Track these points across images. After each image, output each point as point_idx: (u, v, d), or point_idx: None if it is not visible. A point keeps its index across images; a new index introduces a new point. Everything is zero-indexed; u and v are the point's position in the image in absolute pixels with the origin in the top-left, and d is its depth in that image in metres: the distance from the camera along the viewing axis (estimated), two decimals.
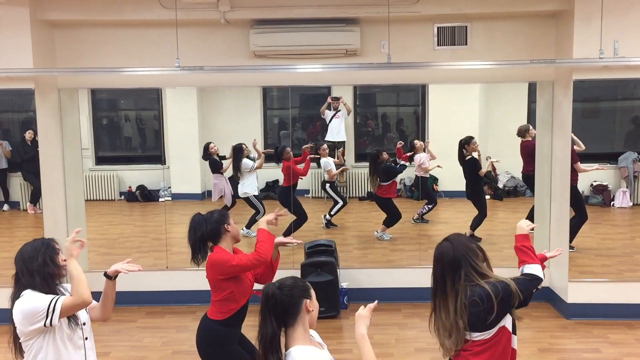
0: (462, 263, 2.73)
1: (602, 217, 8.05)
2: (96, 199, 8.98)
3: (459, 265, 2.73)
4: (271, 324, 2.40)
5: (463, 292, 2.70)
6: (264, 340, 2.39)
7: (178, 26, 5.74)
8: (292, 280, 2.53)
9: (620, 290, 5.83)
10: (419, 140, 8.19)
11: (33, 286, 2.84)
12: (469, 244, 2.81)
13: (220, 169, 8.10)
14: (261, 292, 2.49)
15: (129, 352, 5.30)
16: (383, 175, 7.80)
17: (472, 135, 7.50)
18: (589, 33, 5.49)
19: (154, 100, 8.45)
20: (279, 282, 2.51)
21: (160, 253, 6.86)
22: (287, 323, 2.44)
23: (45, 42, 5.96)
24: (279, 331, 2.41)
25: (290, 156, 7.62)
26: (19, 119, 8.29)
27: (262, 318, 2.44)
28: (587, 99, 7.66)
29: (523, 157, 7.42)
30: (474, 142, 7.45)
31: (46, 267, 2.89)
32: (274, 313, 2.42)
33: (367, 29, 6.06)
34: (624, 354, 5.07)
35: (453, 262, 2.74)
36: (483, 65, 5.79)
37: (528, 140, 7.27)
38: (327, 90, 8.72)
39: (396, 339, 5.48)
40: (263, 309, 2.44)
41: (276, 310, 2.42)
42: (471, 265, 2.74)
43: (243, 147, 7.85)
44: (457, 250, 2.76)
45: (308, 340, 2.47)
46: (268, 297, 2.44)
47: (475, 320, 2.69)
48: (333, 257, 6.23)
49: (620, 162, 8.12)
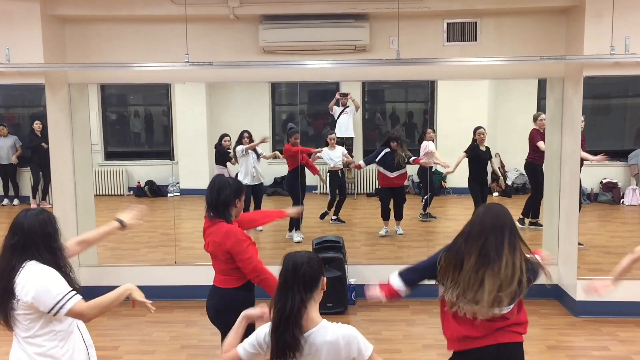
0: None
1: (612, 214, 8.02)
2: (105, 194, 9.02)
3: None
4: (299, 294, 2.30)
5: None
6: (286, 312, 2.29)
7: (187, 22, 5.75)
8: (314, 254, 2.47)
9: (629, 288, 5.78)
10: (430, 130, 8.11)
11: (43, 260, 2.76)
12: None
13: (224, 162, 8.11)
14: (283, 260, 2.40)
15: (137, 347, 5.33)
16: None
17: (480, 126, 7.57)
18: (599, 29, 5.45)
19: (163, 96, 8.46)
20: (306, 254, 2.43)
21: (169, 248, 6.88)
22: (311, 296, 2.35)
23: (55, 38, 5.99)
24: (304, 303, 2.31)
25: (297, 143, 7.60)
26: (29, 113, 8.35)
27: (286, 288, 2.33)
28: (598, 96, 7.63)
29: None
30: (481, 132, 7.54)
31: (55, 243, 2.84)
32: (303, 284, 2.32)
33: (377, 25, 6.05)
34: (633, 352, 5.04)
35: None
36: (493, 61, 5.76)
37: (533, 128, 7.30)
38: (335, 86, 8.71)
39: (404, 335, 5.48)
40: (288, 279, 2.34)
41: (305, 281, 2.33)
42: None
43: (243, 135, 7.86)
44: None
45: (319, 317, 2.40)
46: (297, 266, 2.34)
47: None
48: (341, 253, 6.23)
49: (630, 159, 8.08)
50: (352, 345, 2.35)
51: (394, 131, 8.93)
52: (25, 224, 2.78)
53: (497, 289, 2.75)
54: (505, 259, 2.74)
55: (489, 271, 2.74)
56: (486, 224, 2.81)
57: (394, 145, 7.69)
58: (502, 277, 2.74)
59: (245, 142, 7.84)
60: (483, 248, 2.76)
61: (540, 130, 7.16)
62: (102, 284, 6.66)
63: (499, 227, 2.79)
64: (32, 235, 2.77)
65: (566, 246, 6.06)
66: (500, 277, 2.74)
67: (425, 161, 7.82)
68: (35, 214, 2.83)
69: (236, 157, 7.82)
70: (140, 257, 7.20)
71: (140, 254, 7.33)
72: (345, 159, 8.18)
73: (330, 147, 8.12)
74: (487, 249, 2.75)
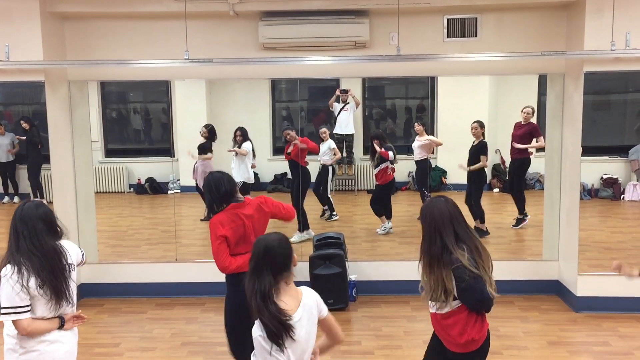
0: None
1: (612, 210, 8.00)
2: (106, 191, 9.01)
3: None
4: (268, 276, 2.47)
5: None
6: (261, 293, 2.44)
7: (187, 18, 5.74)
8: (281, 234, 2.63)
9: (630, 283, 5.74)
10: (418, 125, 8.04)
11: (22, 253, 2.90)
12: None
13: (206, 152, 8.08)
14: (252, 245, 2.58)
15: (138, 343, 5.33)
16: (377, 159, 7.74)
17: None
18: (600, 25, 5.44)
19: (163, 93, 8.45)
20: (275, 235, 2.60)
21: (169, 245, 6.88)
22: (282, 276, 2.53)
23: (55, 35, 5.98)
24: (275, 283, 2.48)
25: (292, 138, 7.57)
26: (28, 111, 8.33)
27: (257, 270, 2.49)
28: (598, 92, 7.59)
29: None
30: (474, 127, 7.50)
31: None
32: (271, 266, 2.49)
33: (377, 21, 6.04)
34: (634, 348, 5.05)
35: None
36: (493, 57, 5.75)
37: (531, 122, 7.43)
38: (335, 83, 8.69)
39: (404, 331, 5.49)
40: (258, 262, 2.50)
41: (274, 262, 2.50)
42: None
43: (246, 131, 7.84)
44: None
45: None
46: (268, 249, 2.51)
47: None
48: (341, 249, 6.24)
49: (630, 155, 8.05)
50: (321, 305, 2.69)
51: (377, 130, 8.91)
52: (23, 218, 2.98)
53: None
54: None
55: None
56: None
57: (376, 143, 7.70)
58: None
59: (238, 140, 7.87)
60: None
61: (523, 122, 7.35)
62: (102, 281, 6.72)
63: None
64: (22, 232, 2.97)
65: (567, 242, 6.05)
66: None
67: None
68: (31, 209, 3.01)
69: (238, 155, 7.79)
70: (141, 254, 7.20)
71: (140, 251, 7.34)
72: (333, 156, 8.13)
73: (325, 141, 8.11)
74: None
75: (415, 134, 8.00)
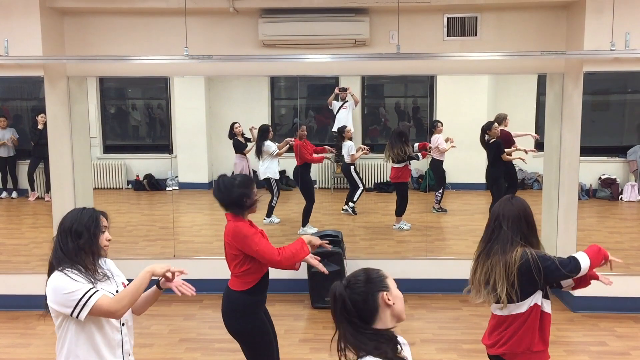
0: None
1: (610, 210, 8.02)
2: (104, 187, 9.01)
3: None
4: (347, 327, 2.10)
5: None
6: (343, 344, 2.10)
7: (187, 15, 5.74)
8: (363, 273, 2.20)
9: (627, 283, 5.81)
10: (440, 122, 8.11)
11: (71, 263, 2.69)
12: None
13: (244, 150, 8.11)
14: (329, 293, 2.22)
15: (136, 340, 5.25)
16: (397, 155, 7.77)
17: (493, 121, 7.54)
18: (600, 25, 5.45)
19: (162, 89, 8.46)
20: (347, 278, 2.21)
21: (167, 242, 6.88)
22: (366, 322, 2.13)
23: (54, 30, 5.97)
24: (356, 334, 2.09)
25: (303, 135, 7.61)
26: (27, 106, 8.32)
27: (336, 322, 2.13)
28: (597, 92, 7.61)
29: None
30: (495, 127, 7.53)
31: (88, 245, 2.78)
32: (346, 315, 2.10)
33: (377, 19, 6.03)
34: (631, 347, 5.06)
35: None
36: (493, 56, 5.75)
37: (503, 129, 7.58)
38: (335, 81, 8.69)
39: (402, 330, 5.45)
40: (333, 312, 2.15)
41: (348, 311, 2.10)
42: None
43: (269, 129, 7.87)
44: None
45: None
46: (335, 298, 2.13)
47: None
48: (340, 247, 6.23)
49: (629, 155, 8.06)
50: None
51: (405, 124, 9.04)
52: (63, 226, 2.78)
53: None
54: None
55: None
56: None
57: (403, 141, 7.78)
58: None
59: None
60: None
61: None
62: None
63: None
64: (66, 240, 2.78)
65: (565, 242, 6.06)
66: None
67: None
68: (76, 216, 2.82)
69: (263, 153, 7.82)
70: (139, 251, 7.20)
71: (138, 248, 7.33)
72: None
73: (348, 140, 8.19)
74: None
75: (435, 134, 8.03)
